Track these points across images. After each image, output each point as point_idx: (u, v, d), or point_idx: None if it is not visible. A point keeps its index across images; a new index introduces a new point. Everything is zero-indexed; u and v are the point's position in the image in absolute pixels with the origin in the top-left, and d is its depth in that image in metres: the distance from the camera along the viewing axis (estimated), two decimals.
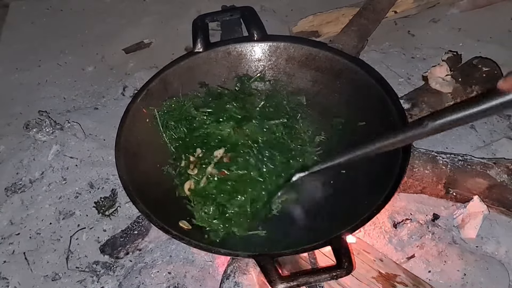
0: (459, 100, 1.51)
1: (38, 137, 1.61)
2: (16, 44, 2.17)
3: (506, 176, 1.28)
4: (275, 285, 0.89)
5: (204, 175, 1.20)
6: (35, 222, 1.44)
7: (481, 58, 1.60)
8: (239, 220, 1.15)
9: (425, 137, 0.84)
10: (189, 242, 1.00)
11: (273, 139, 1.27)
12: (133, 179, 1.12)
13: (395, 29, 2.05)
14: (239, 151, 1.23)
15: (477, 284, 1.19)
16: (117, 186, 1.49)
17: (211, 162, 1.22)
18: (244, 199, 1.16)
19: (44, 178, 1.53)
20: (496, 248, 1.28)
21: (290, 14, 2.19)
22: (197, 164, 1.23)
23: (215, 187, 1.19)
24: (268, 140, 1.26)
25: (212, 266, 1.25)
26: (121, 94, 1.85)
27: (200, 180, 1.20)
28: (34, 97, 1.89)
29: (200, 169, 1.22)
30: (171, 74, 1.35)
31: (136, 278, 1.22)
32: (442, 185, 1.33)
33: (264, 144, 1.24)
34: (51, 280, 1.31)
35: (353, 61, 1.34)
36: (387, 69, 1.81)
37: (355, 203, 1.12)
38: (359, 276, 1.13)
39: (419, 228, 1.29)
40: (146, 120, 1.28)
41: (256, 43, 1.41)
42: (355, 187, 1.19)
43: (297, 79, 1.42)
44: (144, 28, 2.19)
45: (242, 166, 1.20)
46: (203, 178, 1.20)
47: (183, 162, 1.26)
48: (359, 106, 1.29)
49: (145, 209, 1.05)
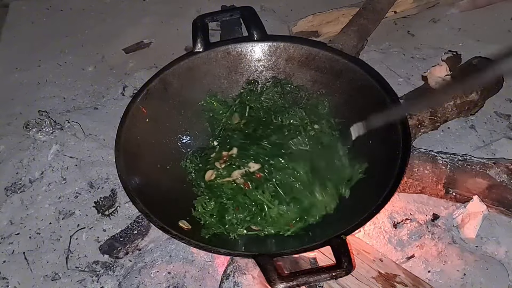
0: (459, 100, 1.51)
1: (38, 137, 1.61)
2: (16, 44, 2.17)
3: (506, 176, 1.28)
4: (274, 285, 0.89)
5: (229, 174, 1.20)
6: (35, 222, 1.44)
7: (481, 58, 1.60)
8: (233, 228, 1.15)
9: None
10: (188, 242, 1.01)
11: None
12: (133, 179, 1.13)
13: (395, 29, 2.05)
14: (272, 178, 1.18)
15: (477, 284, 1.19)
16: (117, 186, 1.49)
17: (242, 168, 1.20)
18: (247, 220, 1.16)
19: (44, 178, 1.53)
20: (496, 248, 1.28)
21: (290, 14, 2.19)
22: (228, 161, 1.23)
23: (231, 191, 1.18)
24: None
25: (211, 266, 1.25)
26: (121, 94, 1.85)
27: (223, 176, 1.21)
28: (34, 97, 1.89)
29: (227, 167, 1.22)
30: (171, 74, 1.35)
31: (135, 278, 1.22)
32: (442, 185, 1.33)
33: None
34: (50, 280, 1.31)
35: (353, 61, 1.34)
36: (387, 69, 1.81)
37: (355, 203, 1.12)
38: (358, 276, 1.13)
39: (419, 228, 1.29)
40: (146, 120, 1.28)
41: (256, 43, 1.41)
42: (354, 186, 1.19)
43: (297, 79, 1.42)
44: (144, 28, 2.19)
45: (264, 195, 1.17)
46: (225, 177, 1.20)
47: (215, 152, 1.26)
48: (359, 106, 1.29)
49: (144, 209, 1.05)
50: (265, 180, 1.18)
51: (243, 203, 1.16)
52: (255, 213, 1.15)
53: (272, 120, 1.32)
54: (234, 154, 1.24)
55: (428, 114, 1.48)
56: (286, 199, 1.15)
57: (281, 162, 1.19)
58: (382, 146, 1.18)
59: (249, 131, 1.31)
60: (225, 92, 1.44)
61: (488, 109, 1.65)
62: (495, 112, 1.66)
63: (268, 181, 1.17)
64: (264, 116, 1.35)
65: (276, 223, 1.14)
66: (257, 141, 1.25)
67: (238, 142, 1.27)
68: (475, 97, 1.53)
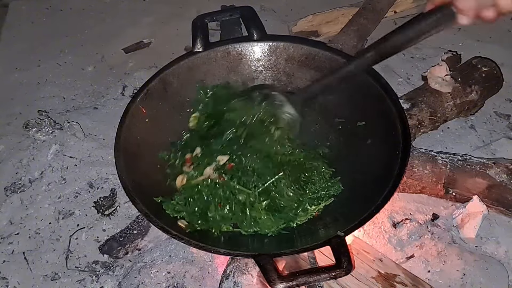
0: (459, 100, 1.51)
1: (37, 136, 1.61)
2: (16, 44, 2.17)
3: (506, 176, 1.28)
4: (274, 284, 0.89)
5: (200, 173, 1.19)
6: (35, 222, 1.44)
7: (481, 58, 1.60)
8: (217, 225, 1.14)
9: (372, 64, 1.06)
10: (188, 241, 1.00)
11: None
12: (133, 179, 1.12)
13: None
14: (242, 164, 1.18)
15: (476, 284, 1.19)
16: (117, 186, 1.49)
17: (212, 163, 1.20)
18: (231, 217, 1.14)
19: (44, 178, 1.53)
20: (496, 248, 1.28)
21: (289, 14, 2.19)
22: (195, 162, 1.22)
23: (208, 188, 1.17)
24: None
25: (211, 265, 1.25)
26: (121, 93, 1.85)
27: (194, 177, 1.20)
28: (33, 97, 1.89)
29: (196, 167, 1.21)
30: (170, 73, 1.35)
31: (135, 277, 1.22)
32: (442, 185, 1.33)
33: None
34: (50, 279, 1.31)
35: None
36: (387, 69, 1.81)
37: (355, 203, 1.12)
38: (358, 276, 1.13)
39: (419, 228, 1.29)
40: (146, 120, 1.28)
41: (255, 43, 1.41)
42: (354, 186, 1.19)
43: (296, 79, 1.42)
44: (143, 28, 2.20)
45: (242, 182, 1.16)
46: (197, 177, 1.19)
47: (177, 158, 1.25)
48: (359, 106, 1.29)
49: (144, 209, 1.05)
50: (237, 169, 1.18)
51: (224, 197, 1.15)
52: (237, 211, 1.14)
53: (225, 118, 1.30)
54: (198, 153, 1.24)
55: (428, 114, 1.48)
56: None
57: (247, 148, 1.20)
58: (382, 146, 1.17)
59: (203, 130, 1.30)
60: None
61: (488, 109, 1.65)
62: (495, 112, 1.66)
63: (241, 168, 1.17)
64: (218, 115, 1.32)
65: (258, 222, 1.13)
66: (218, 136, 1.24)
67: (197, 141, 1.26)
68: (475, 97, 1.53)
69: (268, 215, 1.13)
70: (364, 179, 1.16)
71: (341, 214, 1.12)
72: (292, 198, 1.16)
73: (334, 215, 1.15)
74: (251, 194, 1.14)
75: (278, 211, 1.14)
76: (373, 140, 1.22)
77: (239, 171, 1.17)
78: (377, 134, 1.21)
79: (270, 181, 1.15)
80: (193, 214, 1.14)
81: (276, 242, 1.12)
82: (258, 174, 1.16)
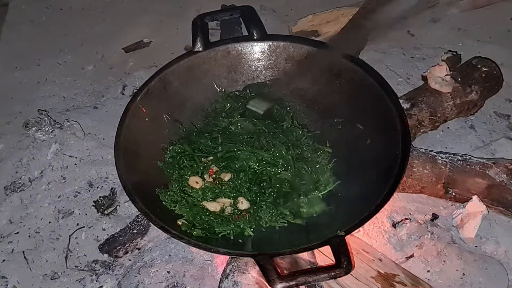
0: (459, 100, 1.51)
1: (37, 136, 1.61)
2: (16, 43, 2.17)
3: (505, 176, 1.28)
4: (274, 284, 0.89)
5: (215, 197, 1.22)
6: (34, 221, 1.44)
7: (481, 58, 1.60)
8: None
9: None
10: (188, 241, 1.01)
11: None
12: (133, 178, 1.13)
13: (394, 29, 2.05)
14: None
15: (476, 284, 1.19)
16: (117, 185, 1.49)
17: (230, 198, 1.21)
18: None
19: (44, 177, 1.53)
20: (495, 248, 1.28)
21: (289, 14, 2.19)
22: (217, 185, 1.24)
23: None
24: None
25: (211, 265, 1.25)
26: (121, 93, 1.85)
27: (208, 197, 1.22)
28: (33, 96, 1.89)
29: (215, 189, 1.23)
30: (170, 73, 1.35)
31: (135, 277, 1.22)
32: (441, 185, 1.33)
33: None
34: (50, 279, 1.31)
35: (353, 61, 1.34)
36: (387, 69, 1.81)
37: (354, 203, 1.12)
38: (358, 275, 1.14)
39: (418, 228, 1.29)
40: (146, 119, 1.28)
41: (255, 43, 1.41)
42: (354, 186, 1.19)
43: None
44: (143, 27, 2.19)
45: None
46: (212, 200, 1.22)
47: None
48: (359, 106, 1.30)
49: (144, 208, 1.05)
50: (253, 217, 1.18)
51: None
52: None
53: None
54: (226, 178, 1.22)
55: (428, 114, 1.48)
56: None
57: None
58: (382, 146, 1.18)
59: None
60: (225, 91, 1.44)
61: (487, 109, 1.65)
62: (495, 112, 1.66)
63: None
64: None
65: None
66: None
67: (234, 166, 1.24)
68: (475, 97, 1.53)
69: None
70: (364, 179, 1.17)
71: (341, 214, 1.13)
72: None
73: (334, 215, 1.15)
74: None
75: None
76: (373, 140, 1.23)
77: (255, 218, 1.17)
78: (377, 134, 1.21)
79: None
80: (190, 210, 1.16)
81: (276, 242, 1.12)
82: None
